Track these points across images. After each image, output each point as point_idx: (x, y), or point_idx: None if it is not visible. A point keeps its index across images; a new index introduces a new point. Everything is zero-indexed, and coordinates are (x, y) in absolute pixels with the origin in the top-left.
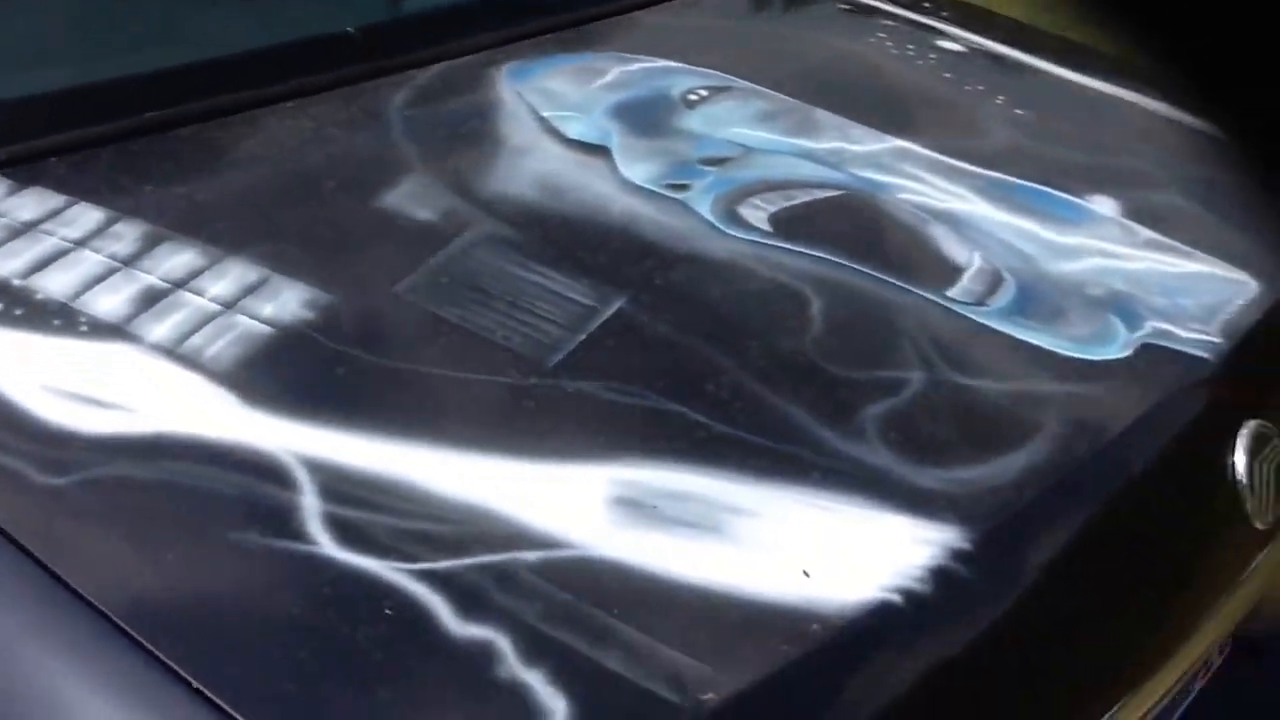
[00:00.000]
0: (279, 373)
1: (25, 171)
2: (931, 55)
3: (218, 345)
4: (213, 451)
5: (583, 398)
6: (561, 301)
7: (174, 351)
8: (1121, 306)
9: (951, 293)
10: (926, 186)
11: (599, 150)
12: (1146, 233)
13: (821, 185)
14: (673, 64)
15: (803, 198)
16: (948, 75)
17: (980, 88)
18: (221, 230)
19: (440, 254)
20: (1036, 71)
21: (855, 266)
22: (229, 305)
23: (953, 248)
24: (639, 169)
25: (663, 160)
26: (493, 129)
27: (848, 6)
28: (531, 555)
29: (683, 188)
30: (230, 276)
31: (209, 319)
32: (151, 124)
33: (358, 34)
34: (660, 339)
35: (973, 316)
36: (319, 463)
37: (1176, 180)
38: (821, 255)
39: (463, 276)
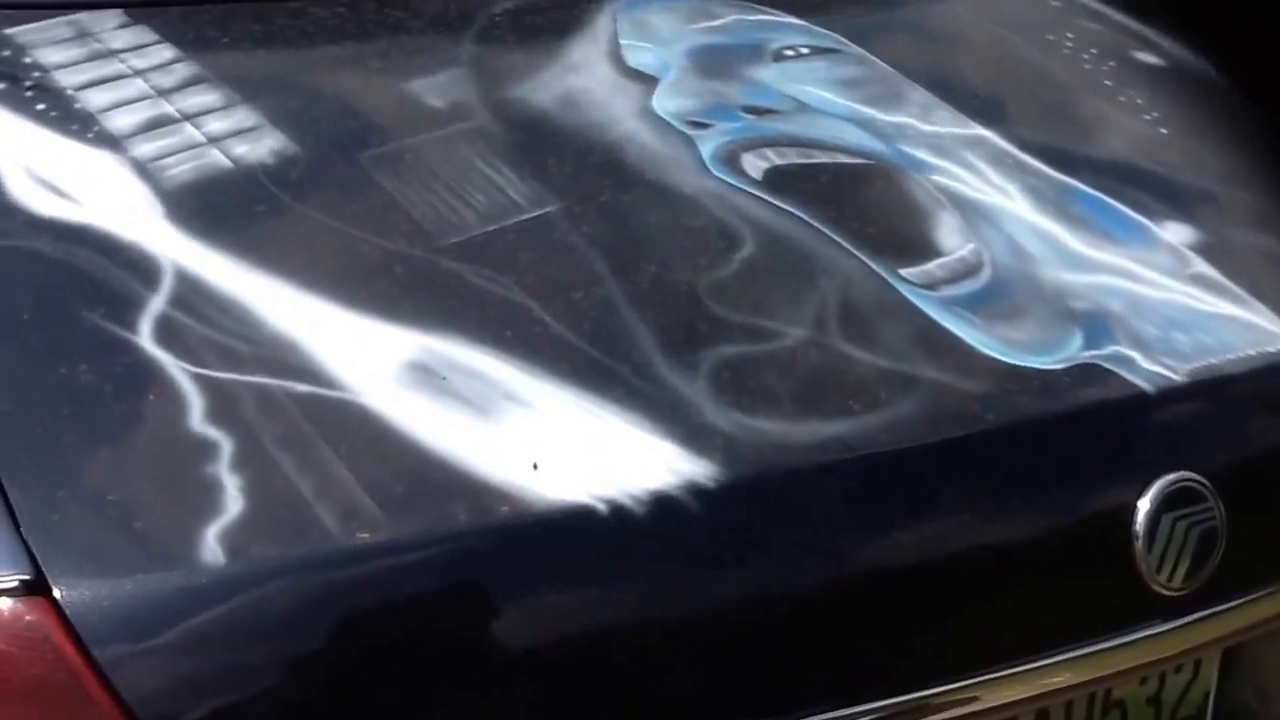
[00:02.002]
0: (211, 198)
1: (145, 13)
2: (1110, 63)
3: (181, 168)
4: (114, 245)
5: (449, 275)
6: (497, 196)
7: (144, 166)
8: (1095, 324)
9: (906, 271)
10: (973, 175)
11: (646, 80)
12: (1202, 267)
13: (851, 152)
14: (795, 21)
15: (820, 159)
16: (1108, 83)
17: (1138, 101)
18: (255, 82)
19: (421, 135)
20: (1228, 97)
21: (817, 226)
22: (213, 140)
23: (947, 233)
24: (671, 102)
25: (701, 99)
26: (559, 44)
27: (1060, 4)
28: (302, 387)
29: (703, 126)
30: (232, 119)
31: (189, 147)
32: None
33: None
34: (562, 244)
35: (907, 296)
36: (188, 275)
37: None
38: (790, 209)
39: (427, 157)
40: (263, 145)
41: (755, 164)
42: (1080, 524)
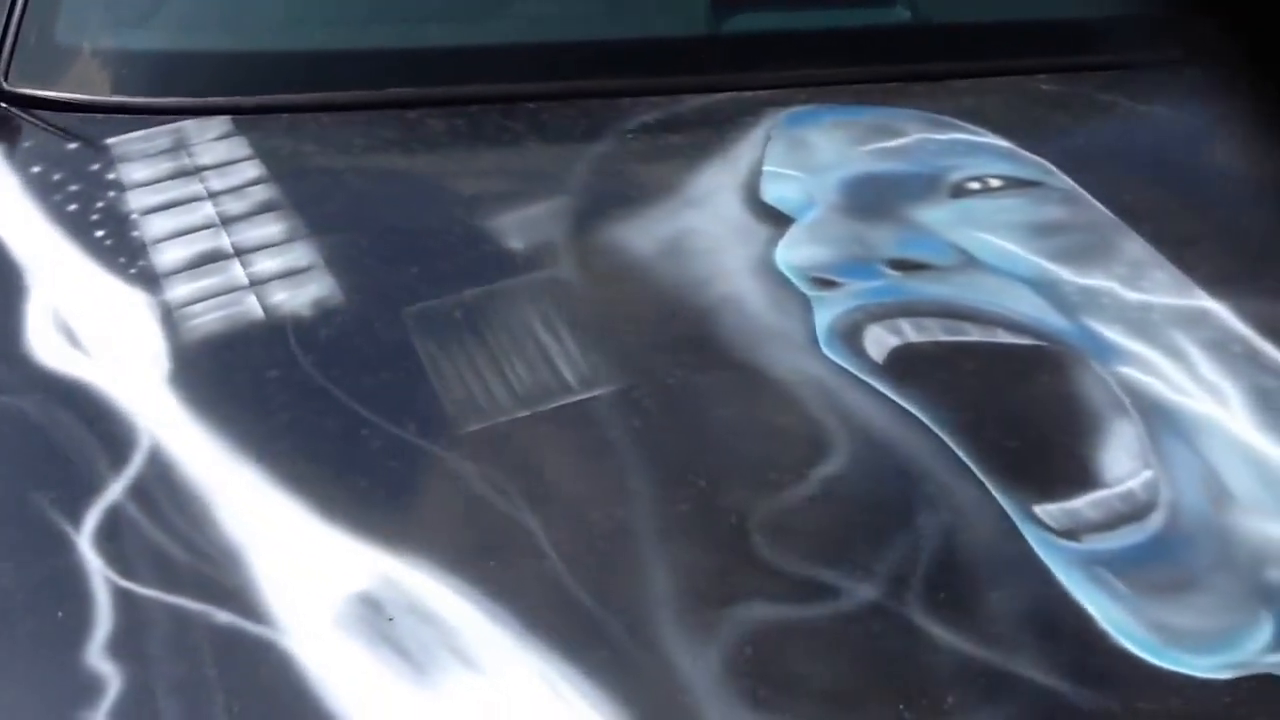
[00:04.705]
0: (224, 357)
1: (250, 123)
2: None
3: (207, 317)
4: (100, 411)
5: (451, 476)
6: (544, 372)
7: (171, 313)
8: None
9: (1043, 509)
10: (1180, 370)
11: (778, 220)
12: None
13: (1017, 328)
14: (999, 143)
15: (972, 336)
16: None
17: None
18: (330, 212)
19: (482, 287)
20: None
21: (939, 434)
22: (255, 283)
23: (1117, 455)
24: (798, 252)
25: (838, 248)
26: (689, 170)
27: None
28: (225, 615)
29: (829, 285)
30: (285, 258)
31: (228, 291)
32: (389, 100)
33: (651, 44)
34: (598, 443)
35: (1034, 547)
36: (161, 455)
37: None
38: (908, 408)
39: (478, 316)
40: (305, 292)
41: (881, 340)
42: None
